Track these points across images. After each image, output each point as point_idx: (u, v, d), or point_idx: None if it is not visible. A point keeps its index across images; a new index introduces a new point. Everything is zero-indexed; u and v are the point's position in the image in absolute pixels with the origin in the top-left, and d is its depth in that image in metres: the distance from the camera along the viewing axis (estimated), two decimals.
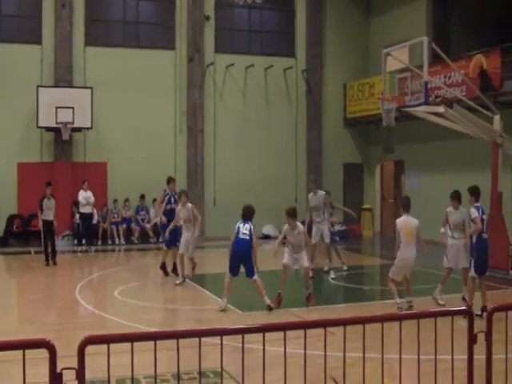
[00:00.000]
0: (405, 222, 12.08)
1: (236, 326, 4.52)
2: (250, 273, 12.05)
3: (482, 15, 23.75)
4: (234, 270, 12.14)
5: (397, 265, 11.97)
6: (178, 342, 4.24)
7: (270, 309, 11.87)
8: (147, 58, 24.94)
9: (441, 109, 16.53)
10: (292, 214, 12.58)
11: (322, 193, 16.50)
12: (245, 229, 12.15)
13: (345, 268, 16.67)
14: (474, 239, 11.40)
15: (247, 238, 12.05)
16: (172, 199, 16.61)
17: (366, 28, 28.16)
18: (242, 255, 12.05)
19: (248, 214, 12.43)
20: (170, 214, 16.12)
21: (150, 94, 24.75)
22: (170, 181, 17.03)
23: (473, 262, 11.46)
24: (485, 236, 11.45)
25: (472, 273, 11.45)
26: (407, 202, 12.36)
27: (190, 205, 15.31)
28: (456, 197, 12.35)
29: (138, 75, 24.64)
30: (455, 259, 12.24)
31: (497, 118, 17.54)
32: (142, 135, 24.60)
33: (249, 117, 26.24)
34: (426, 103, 16.52)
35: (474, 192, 12.02)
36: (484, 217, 11.60)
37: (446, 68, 20.48)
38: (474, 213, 11.50)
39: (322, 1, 27.51)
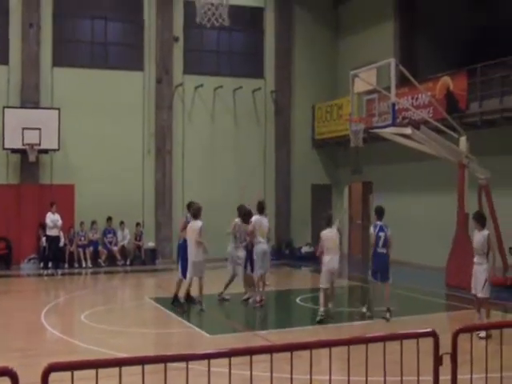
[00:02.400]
0: (260, 221, 14.65)
1: (202, 352, 4.46)
2: None
3: (449, 38, 24.08)
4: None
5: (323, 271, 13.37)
6: (143, 368, 4.18)
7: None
8: (115, 79, 24.87)
9: (408, 130, 16.67)
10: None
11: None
12: None
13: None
14: (372, 252, 13.44)
15: None
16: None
17: (335, 50, 28.41)
18: None
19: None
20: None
21: (118, 114, 24.67)
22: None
23: (370, 270, 13.51)
24: (379, 250, 13.32)
25: (370, 278, 13.53)
26: (330, 217, 13.75)
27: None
28: (476, 218, 12.12)
29: (106, 96, 24.54)
30: (474, 284, 11.80)
31: (463, 139, 17.74)
32: (110, 157, 24.46)
33: (217, 138, 26.26)
34: (394, 124, 16.65)
35: (377, 211, 13.90)
36: (381, 234, 13.31)
37: (413, 90, 20.71)
38: (370, 230, 13.62)
39: (290, 22, 27.71)
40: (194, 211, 14.38)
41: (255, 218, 15.02)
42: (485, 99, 19.58)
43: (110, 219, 24.07)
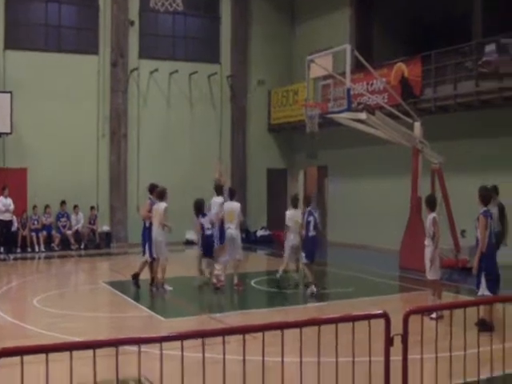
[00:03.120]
0: (230, 206, 14.90)
1: (154, 335, 4.45)
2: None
3: (404, 24, 24.26)
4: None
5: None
6: (94, 352, 4.15)
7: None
8: (70, 63, 24.52)
9: (363, 115, 16.78)
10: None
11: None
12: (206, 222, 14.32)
13: None
14: (304, 236, 14.36)
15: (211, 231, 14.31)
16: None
17: (291, 35, 28.41)
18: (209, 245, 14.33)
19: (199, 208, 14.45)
20: None
21: (73, 98, 24.36)
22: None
23: (304, 253, 14.37)
24: (310, 233, 14.20)
25: (304, 260, 14.35)
26: (296, 198, 15.61)
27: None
28: (425, 202, 12.42)
29: (60, 79, 24.19)
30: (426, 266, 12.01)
31: (417, 124, 17.93)
32: (64, 140, 24.15)
33: (173, 122, 26.12)
34: (349, 110, 16.75)
35: (306, 199, 15.31)
36: (310, 218, 14.21)
37: (368, 75, 20.84)
38: (299, 216, 14.75)
39: (247, 7, 27.61)
40: (159, 193, 14.60)
41: (226, 203, 15.14)
42: (439, 85, 19.81)
43: (63, 203, 23.80)
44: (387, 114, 17.85)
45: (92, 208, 24.25)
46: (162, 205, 14.38)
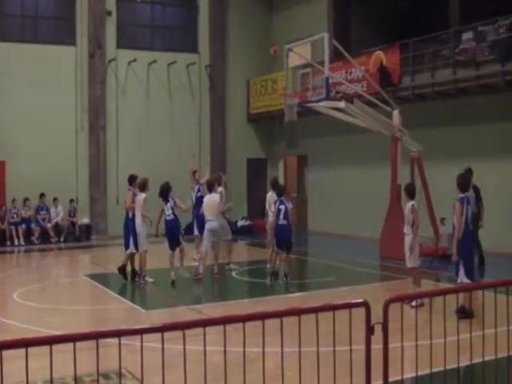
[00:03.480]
0: (209, 199, 15.09)
1: (134, 327, 4.44)
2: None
3: (382, 12, 24.31)
4: (173, 248, 14.32)
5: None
6: (74, 345, 4.12)
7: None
8: (46, 54, 24.33)
9: (342, 104, 16.81)
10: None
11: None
12: (167, 209, 14.27)
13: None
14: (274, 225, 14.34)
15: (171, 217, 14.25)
16: (201, 188, 17.00)
17: (269, 24, 28.36)
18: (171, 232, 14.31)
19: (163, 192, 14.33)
20: (200, 203, 16.02)
21: (50, 90, 24.17)
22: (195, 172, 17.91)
23: (275, 242, 14.28)
24: (281, 222, 14.12)
25: (276, 249, 14.34)
26: (275, 182, 15.64)
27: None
28: (404, 190, 12.57)
29: (37, 71, 23.99)
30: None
31: (396, 112, 17.99)
32: (42, 133, 23.99)
33: (152, 113, 26.01)
34: (328, 98, 16.76)
35: (278, 189, 14.74)
36: (281, 207, 14.13)
37: (347, 64, 20.85)
38: (271, 206, 14.77)
39: None
40: (140, 184, 14.63)
41: (206, 196, 15.48)
42: (417, 73, 19.88)
43: (42, 196, 23.65)
44: (366, 102, 17.89)
45: (71, 201, 24.12)
46: (142, 195, 14.36)
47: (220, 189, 15.38)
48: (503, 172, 18.00)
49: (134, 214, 14.66)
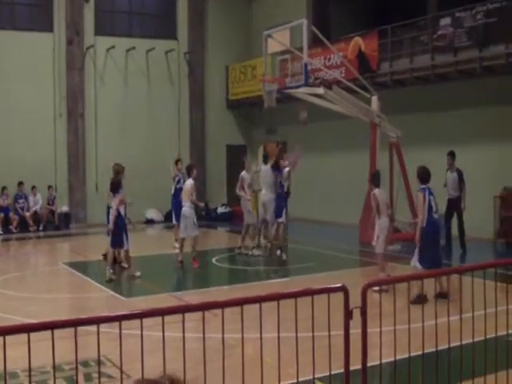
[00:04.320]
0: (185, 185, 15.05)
1: (112, 314, 4.43)
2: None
3: None
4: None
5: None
6: (52, 333, 4.10)
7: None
8: (24, 41, 24.07)
9: (320, 90, 16.82)
10: None
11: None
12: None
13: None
14: None
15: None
16: (181, 180, 16.75)
17: (248, 10, 28.25)
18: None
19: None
20: (179, 193, 16.09)
21: (28, 77, 23.97)
22: (178, 161, 17.83)
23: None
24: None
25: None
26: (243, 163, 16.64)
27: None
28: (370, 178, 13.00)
29: (14, 58, 23.76)
30: None
31: (374, 98, 18.03)
32: (20, 121, 23.77)
33: (131, 100, 25.87)
34: (306, 84, 16.76)
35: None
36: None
37: (325, 50, 20.85)
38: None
39: None
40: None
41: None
42: (395, 59, 19.93)
43: (21, 184, 23.47)
44: (345, 88, 17.90)
45: (49, 187, 23.91)
46: (190, 181, 14.71)
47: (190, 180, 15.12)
48: (481, 156, 18.11)
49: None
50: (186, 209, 14.69)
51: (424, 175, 11.21)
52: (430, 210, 10.81)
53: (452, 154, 16.30)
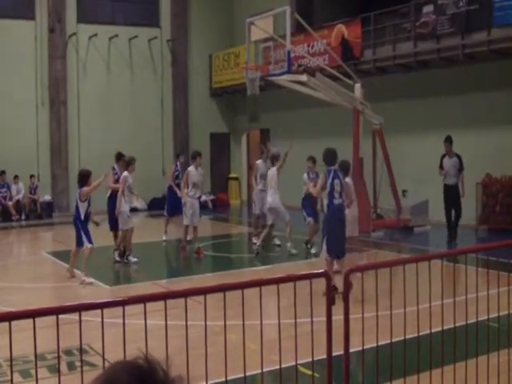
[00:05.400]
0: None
1: (94, 301, 4.42)
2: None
3: None
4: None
5: None
6: (34, 321, 4.09)
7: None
8: (5, 28, 23.85)
9: (303, 77, 16.78)
10: None
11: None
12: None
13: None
14: None
15: None
16: (180, 175, 16.71)
17: None
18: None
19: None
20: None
21: (10, 65, 23.77)
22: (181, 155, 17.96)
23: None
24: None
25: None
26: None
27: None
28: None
29: None
30: None
31: (358, 85, 18.02)
32: (1, 109, 23.61)
33: (114, 88, 25.73)
34: (289, 72, 16.72)
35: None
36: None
37: (308, 37, 20.82)
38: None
39: None
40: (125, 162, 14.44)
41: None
42: (378, 47, 19.94)
43: (3, 173, 23.29)
44: (328, 75, 17.89)
45: (32, 176, 23.75)
46: (123, 173, 14.20)
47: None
48: (463, 143, 18.18)
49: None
50: (194, 199, 14.71)
51: (328, 158, 10.78)
52: (331, 196, 10.38)
53: (449, 140, 16.19)
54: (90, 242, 12.39)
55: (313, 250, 14.72)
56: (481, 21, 16.62)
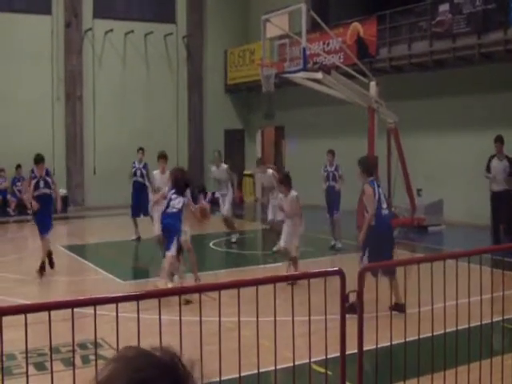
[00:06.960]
0: None
1: (109, 295, 4.44)
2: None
3: None
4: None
5: None
6: (49, 314, 4.11)
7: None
8: (22, 23, 23.94)
9: (319, 75, 16.73)
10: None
11: (225, 166, 16.43)
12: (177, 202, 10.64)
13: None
14: None
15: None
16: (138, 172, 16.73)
17: None
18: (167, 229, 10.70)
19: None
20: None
21: (26, 60, 23.85)
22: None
23: None
24: None
25: None
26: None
27: (224, 165, 15.65)
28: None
29: (12, 41, 23.66)
30: None
31: (373, 84, 17.95)
32: (18, 103, 23.69)
33: (129, 83, 25.78)
34: (305, 69, 16.69)
35: None
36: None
37: (324, 35, 20.77)
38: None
39: None
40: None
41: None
42: (393, 45, 19.89)
43: (19, 167, 23.39)
44: (343, 73, 17.82)
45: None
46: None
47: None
48: (478, 144, 18.10)
49: None
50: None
51: (369, 167, 10.06)
52: (379, 204, 9.70)
53: (501, 139, 14.72)
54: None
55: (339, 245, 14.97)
56: (497, 20, 16.54)
